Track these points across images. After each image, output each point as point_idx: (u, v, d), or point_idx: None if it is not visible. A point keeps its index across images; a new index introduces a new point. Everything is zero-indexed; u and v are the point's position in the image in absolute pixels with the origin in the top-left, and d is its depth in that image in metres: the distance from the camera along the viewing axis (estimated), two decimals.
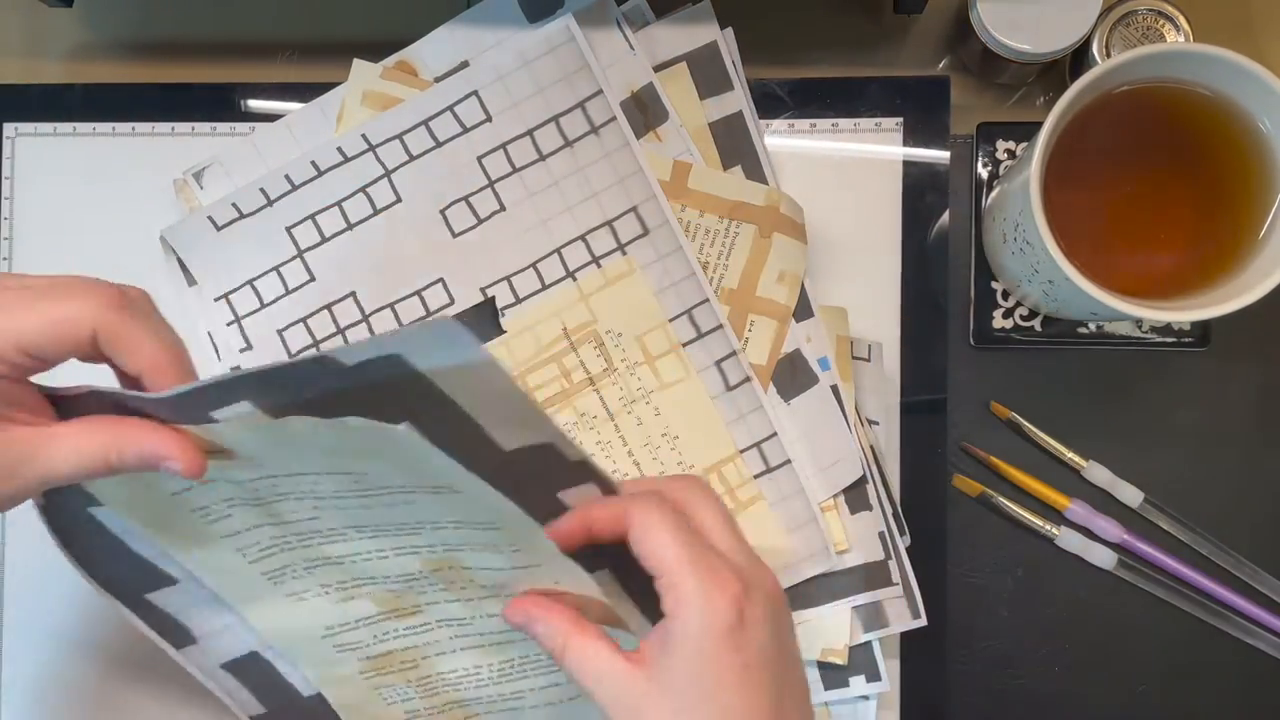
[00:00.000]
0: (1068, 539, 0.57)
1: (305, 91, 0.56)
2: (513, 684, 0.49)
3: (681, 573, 0.39)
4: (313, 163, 0.54)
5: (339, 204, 0.55)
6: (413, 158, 0.54)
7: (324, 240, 0.55)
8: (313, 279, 0.55)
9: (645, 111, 0.55)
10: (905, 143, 0.57)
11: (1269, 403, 0.57)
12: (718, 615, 0.39)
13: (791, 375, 0.54)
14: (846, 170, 0.57)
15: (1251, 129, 0.49)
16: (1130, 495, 0.57)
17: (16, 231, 0.57)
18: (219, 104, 0.58)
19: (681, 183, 0.54)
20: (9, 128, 0.58)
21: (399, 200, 0.55)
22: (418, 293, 0.55)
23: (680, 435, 0.54)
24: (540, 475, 0.40)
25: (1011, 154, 0.57)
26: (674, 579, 0.40)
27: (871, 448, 0.54)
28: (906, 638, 0.54)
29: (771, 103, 0.57)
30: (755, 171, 0.55)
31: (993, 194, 0.56)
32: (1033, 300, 0.55)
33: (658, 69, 0.55)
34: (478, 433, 0.37)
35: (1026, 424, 0.57)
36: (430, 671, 0.50)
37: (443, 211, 0.55)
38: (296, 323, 0.55)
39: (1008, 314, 0.57)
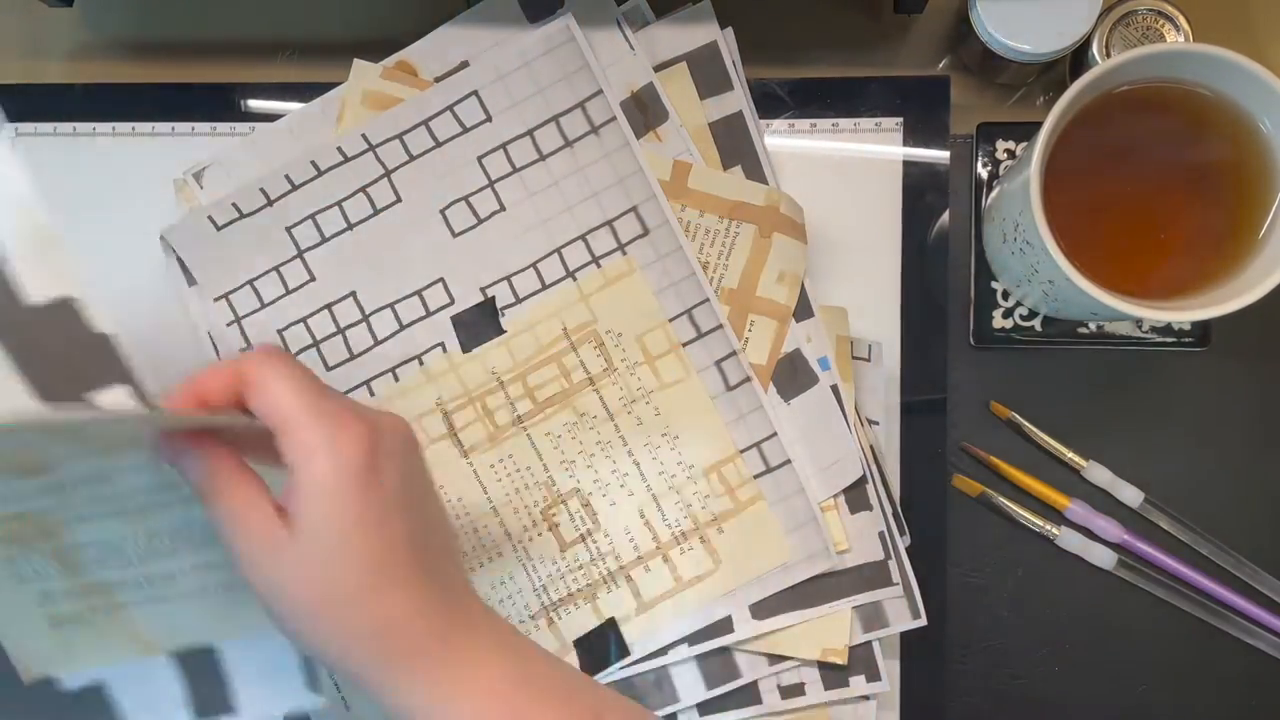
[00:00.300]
0: (1068, 539, 0.57)
1: (305, 91, 0.56)
2: (161, 562, 0.46)
3: (306, 421, 0.38)
4: (313, 162, 0.54)
5: (339, 204, 0.55)
6: (413, 158, 0.54)
7: (324, 240, 0.55)
8: (313, 279, 0.55)
9: (645, 111, 0.55)
10: (905, 143, 0.57)
11: (1269, 403, 0.57)
12: (347, 458, 0.38)
13: (792, 375, 0.54)
14: (846, 170, 0.57)
15: (1251, 129, 0.49)
16: (1130, 495, 0.57)
17: None
18: (219, 104, 0.58)
19: (681, 183, 0.54)
20: (9, 128, 0.58)
21: (399, 200, 0.55)
22: (418, 292, 0.55)
23: (680, 435, 0.54)
24: (66, 361, 0.36)
25: (1011, 154, 0.57)
26: (299, 430, 0.38)
27: (871, 447, 0.54)
28: (906, 637, 0.54)
29: (771, 103, 0.57)
30: (755, 171, 0.55)
31: (993, 194, 0.56)
32: (1033, 300, 0.55)
33: (658, 69, 0.55)
34: None
35: (1026, 424, 0.57)
36: (69, 541, 0.45)
37: (443, 211, 0.55)
38: (296, 322, 0.55)
39: (1008, 314, 0.57)
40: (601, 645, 0.54)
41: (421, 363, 0.55)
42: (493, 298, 0.55)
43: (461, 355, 0.55)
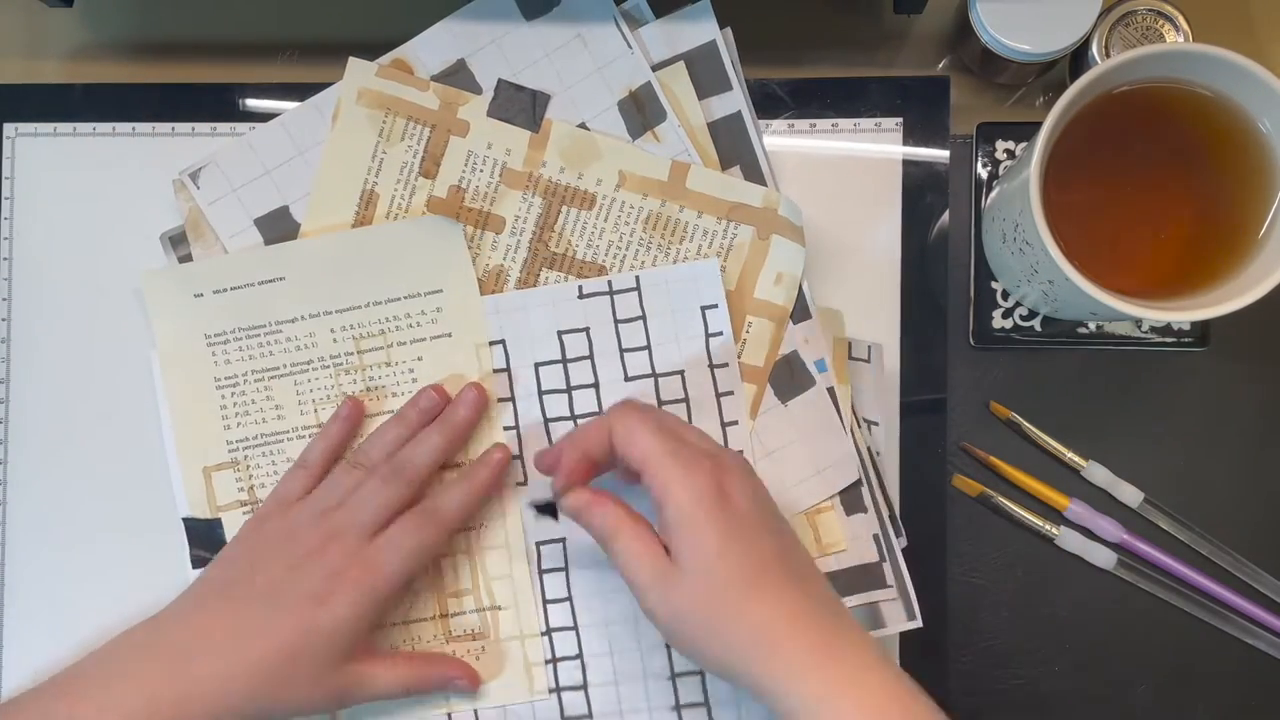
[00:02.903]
0: (1068, 539, 0.56)
1: (305, 91, 0.56)
2: None
3: (664, 463, 0.45)
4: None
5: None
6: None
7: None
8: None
9: (643, 111, 0.55)
10: (905, 143, 0.57)
11: (1269, 403, 0.57)
12: (700, 490, 0.45)
13: (789, 377, 0.54)
14: (846, 170, 0.57)
15: (1251, 129, 0.48)
16: (1130, 495, 0.57)
17: (16, 231, 0.58)
18: (219, 104, 0.58)
19: (679, 183, 0.54)
20: (9, 128, 0.58)
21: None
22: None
23: None
24: None
25: (1011, 154, 0.57)
26: (658, 470, 0.45)
27: (868, 449, 0.54)
28: (907, 638, 0.54)
29: (772, 103, 0.57)
30: (754, 172, 0.55)
31: (992, 194, 0.56)
32: (1033, 300, 0.55)
33: (656, 68, 0.55)
34: None
35: (1026, 424, 0.57)
36: None
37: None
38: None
39: (1008, 314, 0.57)
40: None
41: None
42: None
43: None
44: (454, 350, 0.54)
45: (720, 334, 0.53)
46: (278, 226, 0.55)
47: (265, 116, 0.56)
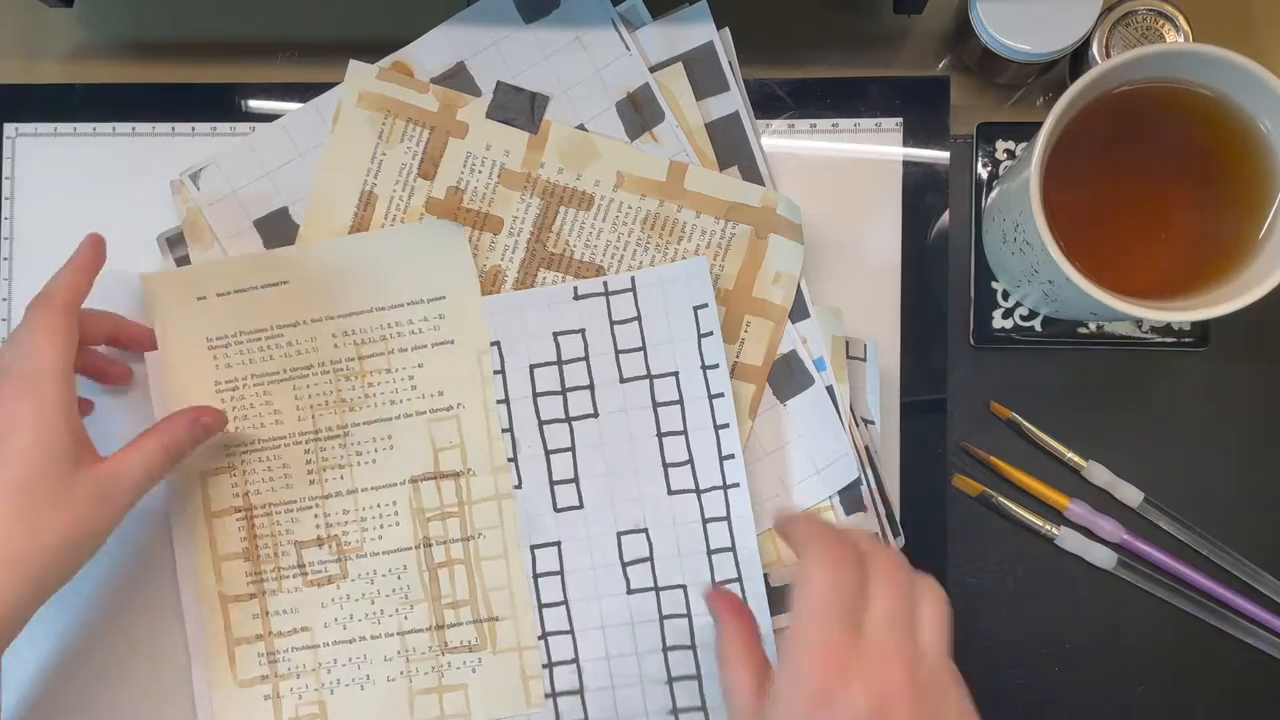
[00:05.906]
0: (1068, 539, 0.56)
1: (305, 91, 0.56)
2: None
3: (789, 642, 0.40)
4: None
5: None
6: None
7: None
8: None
9: (641, 112, 0.55)
10: (905, 143, 0.57)
11: (1269, 403, 0.57)
12: (803, 688, 0.39)
13: (788, 376, 0.54)
14: (846, 170, 0.57)
15: (1251, 129, 0.48)
16: (1130, 495, 0.57)
17: (16, 231, 0.58)
18: (219, 104, 0.58)
19: (678, 183, 0.54)
20: (9, 128, 0.58)
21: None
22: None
23: None
24: None
25: (1011, 154, 0.57)
26: (785, 642, 0.41)
27: (866, 448, 0.54)
28: None
29: (772, 103, 0.57)
30: (751, 172, 0.55)
31: (992, 194, 0.56)
32: (1033, 300, 0.55)
33: (654, 69, 0.55)
34: None
35: (1026, 424, 0.57)
36: None
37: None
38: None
39: (1008, 314, 0.57)
40: None
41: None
42: None
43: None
44: (456, 358, 0.54)
45: (711, 334, 0.53)
46: (277, 228, 0.55)
47: (265, 117, 0.57)
